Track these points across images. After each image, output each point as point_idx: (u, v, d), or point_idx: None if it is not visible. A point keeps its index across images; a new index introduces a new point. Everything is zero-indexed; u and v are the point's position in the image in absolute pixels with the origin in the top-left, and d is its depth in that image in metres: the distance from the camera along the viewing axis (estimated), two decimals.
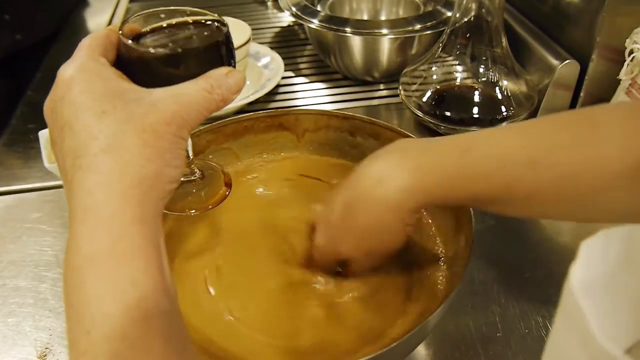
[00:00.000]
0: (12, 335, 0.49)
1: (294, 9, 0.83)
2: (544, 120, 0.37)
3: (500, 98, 0.69)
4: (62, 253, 0.58)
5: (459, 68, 0.71)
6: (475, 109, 0.68)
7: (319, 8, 0.87)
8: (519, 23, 0.77)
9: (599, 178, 0.33)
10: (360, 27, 0.77)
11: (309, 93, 0.83)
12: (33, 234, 0.59)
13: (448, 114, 0.68)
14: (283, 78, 0.83)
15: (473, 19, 0.66)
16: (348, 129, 0.56)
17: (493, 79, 0.69)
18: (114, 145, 0.29)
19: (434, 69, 0.72)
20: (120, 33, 0.33)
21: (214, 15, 0.36)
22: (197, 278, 0.46)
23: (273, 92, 0.80)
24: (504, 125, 0.38)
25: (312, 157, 0.58)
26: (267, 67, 0.84)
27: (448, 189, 0.37)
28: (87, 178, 0.28)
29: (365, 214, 0.39)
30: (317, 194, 0.54)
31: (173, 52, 0.32)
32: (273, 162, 0.58)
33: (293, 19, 0.92)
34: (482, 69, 0.69)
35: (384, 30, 0.76)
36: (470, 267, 0.52)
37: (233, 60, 0.35)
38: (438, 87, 0.71)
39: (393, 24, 0.78)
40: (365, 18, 0.94)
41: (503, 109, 0.68)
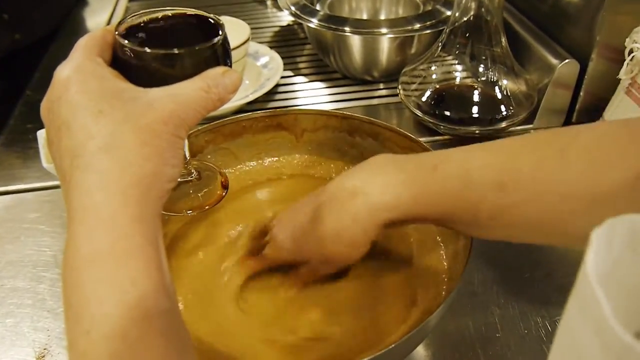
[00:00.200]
0: (10, 336, 0.49)
1: (293, 8, 0.83)
2: (514, 141, 0.36)
3: (500, 97, 0.69)
4: (60, 253, 0.57)
5: (459, 67, 0.71)
6: (475, 109, 0.68)
7: (318, 7, 0.87)
8: (519, 22, 0.77)
9: (564, 204, 0.32)
10: (360, 26, 0.77)
11: (308, 92, 0.83)
12: (31, 234, 0.59)
13: (447, 114, 0.67)
14: (282, 77, 0.82)
15: (472, 18, 0.66)
16: (347, 129, 0.56)
17: (493, 79, 0.69)
18: (112, 145, 0.29)
19: (434, 69, 0.72)
20: (117, 33, 0.33)
21: (210, 15, 0.36)
22: (194, 277, 0.46)
23: (272, 91, 0.80)
24: (473, 145, 0.37)
25: (310, 157, 0.58)
26: (266, 66, 0.83)
27: (416, 205, 0.37)
28: (85, 178, 0.28)
29: (332, 222, 0.39)
30: None
31: (169, 51, 0.32)
32: (272, 162, 0.58)
33: (292, 18, 0.92)
34: (481, 69, 0.69)
35: (384, 30, 0.76)
36: (470, 267, 0.51)
37: (229, 60, 0.35)
38: (437, 86, 0.71)
39: (392, 23, 0.77)
40: (365, 17, 0.94)
41: (503, 109, 0.67)
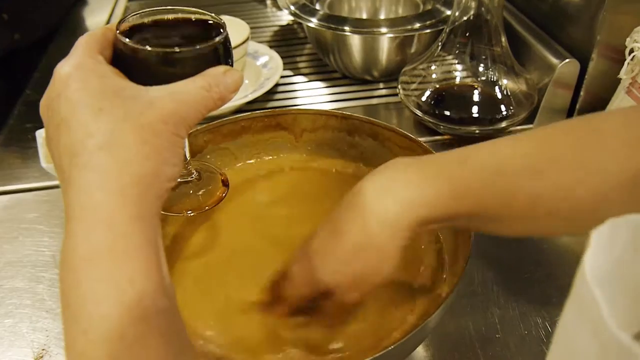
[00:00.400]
0: (8, 337, 0.49)
1: (293, 8, 0.82)
2: (542, 129, 0.36)
3: (500, 97, 0.68)
4: (59, 253, 0.57)
5: (459, 67, 0.71)
6: (475, 108, 0.68)
7: (318, 7, 0.87)
8: (519, 22, 0.77)
9: (599, 188, 0.32)
10: (359, 25, 0.77)
11: (308, 92, 0.83)
12: (30, 235, 0.59)
13: (447, 113, 0.67)
14: (282, 77, 0.82)
15: (472, 18, 0.66)
16: (346, 129, 0.55)
17: (493, 78, 0.69)
18: (112, 143, 0.28)
19: (433, 68, 0.72)
20: (118, 31, 0.33)
21: (212, 15, 0.36)
22: (193, 278, 0.46)
23: (272, 91, 0.79)
24: (501, 138, 0.37)
25: (310, 157, 0.58)
26: (265, 66, 0.83)
27: (448, 201, 0.35)
28: (84, 176, 0.28)
29: (358, 231, 0.35)
30: (315, 194, 0.53)
31: (171, 50, 0.32)
32: (271, 162, 0.58)
33: (292, 18, 0.92)
34: (481, 68, 0.69)
35: (383, 29, 0.76)
36: (470, 267, 0.51)
37: (231, 60, 0.35)
38: (437, 86, 0.71)
39: (392, 23, 0.77)
40: (365, 17, 0.94)
41: (503, 108, 0.67)
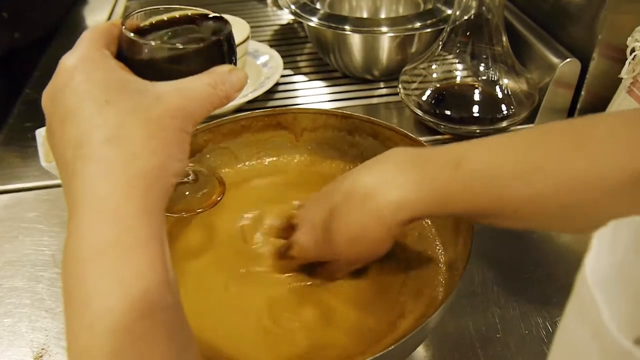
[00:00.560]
0: (8, 336, 0.49)
1: (293, 7, 0.82)
2: (534, 132, 0.37)
3: (501, 97, 0.68)
4: (59, 253, 0.57)
5: (459, 66, 0.71)
6: (476, 108, 0.68)
7: (318, 6, 0.87)
8: (520, 21, 0.77)
9: (589, 192, 0.32)
10: (360, 25, 0.77)
11: (308, 91, 0.83)
12: (30, 234, 0.59)
13: (448, 113, 0.67)
14: (282, 76, 0.82)
15: (473, 17, 0.66)
16: (347, 128, 0.55)
17: (493, 78, 0.69)
18: (119, 136, 0.28)
19: (434, 68, 0.71)
20: (123, 27, 0.33)
21: (216, 14, 0.36)
22: (191, 278, 0.46)
23: (272, 90, 0.79)
24: (491, 137, 0.38)
25: (310, 156, 0.58)
26: (266, 65, 0.83)
27: (440, 203, 0.37)
28: (90, 168, 0.28)
29: (356, 223, 0.39)
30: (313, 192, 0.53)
31: (176, 47, 0.32)
32: (271, 161, 0.58)
33: (292, 17, 0.92)
34: (482, 68, 0.69)
35: (384, 28, 0.76)
36: (470, 267, 0.51)
37: (235, 58, 0.35)
38: (438, 85, 0.71)
39: (393, 22, 0.77)
40: (365, 16, 0.94)
41: (503, 108, 0.67)
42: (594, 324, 0.15)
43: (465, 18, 0.66)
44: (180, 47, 0.32)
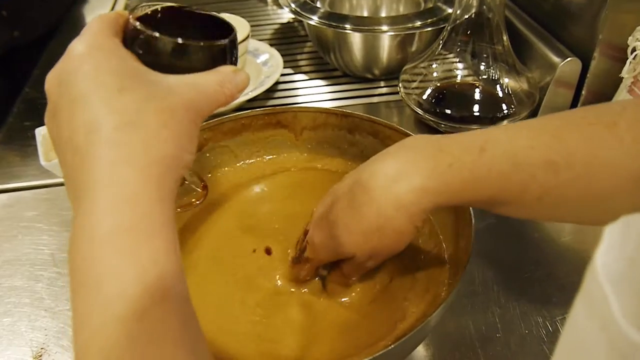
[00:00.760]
0: (7, 335, 0.48)
1: (294, 6, 0.82)
2: (558, 118, 0.36)
3: (501, 96, 0.68)
4: (58, 252, 0.57)
5: (460, 65, 0.71)
6: (476, 107, 0.68)
7: (319, 4, 0.87)
8: (521, 20, 0.77)
9: (614, 180, 0.32)
10: (360, 23, 0.77)
11: (309, 90, 0.82)
12: (29, 233, 0.59)
13: (448, 112, 0.67)
14: (282, 75, 0.82)
15: (474, 16, 0.66)
16: (347, 127, 0.55)
17: (494, 77, 0.68)
18: (136, 122, 0.28)
19: (435, 67, 0.71)
20: (132, 17, 0.33)
21: (220, 16, 0.36)
22: (189, 279, 0.46)
23: (272, 89, 0.79)
24: (515, 123, 0.37)
25: (310, 155, 0.57)
26: (266, 64, 0.83)
27: (463, 190, 0.36)
28: (107, 152, 0.28)
29: (375, 214, 0.37)
30: (315, 192, 0.53)
31: (187, 42, 0.32)
32: (271, 160, 0.57)
33: (292, 16, 0.91)
34: (482, 67, 0.69)
35: (384, 27, 0.76)
36: (470, 267, 0.51)
37: (237, 61, 0.36)
38: (438, 84, 0.71)
39: (393, 21, 0.77)
40: (365, 14, 0.94)
41: (504, 107, 0.67)
42: (603, 317, 0.15)
43: (466, 17, 0.66)
44: (191, 43, 0.32)
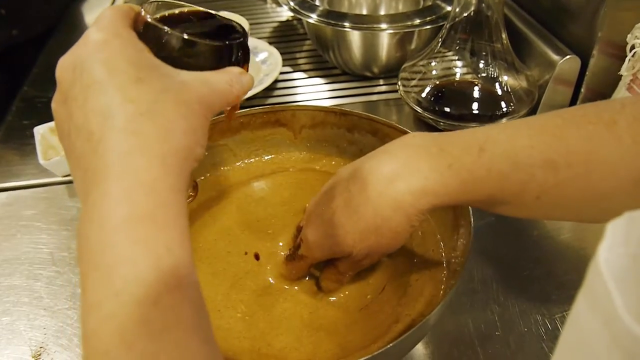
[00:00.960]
0: (6, 335, 0.48)
1: (292, 4, 0.82)
2: (557, 116, 0.35)
3: (500, 94, 0.68)
4: (57, 251, 0.57)
5: (459, 63, 0.71)
6: (475, 105, 0.68)
7: (318, 2, 0.86)
8: (520, 18, 0.77)
9: (613, 179, 0.32)
10: (359, 21, 0.77)
11: (308, 88, 0.82)
12: (28, 232, 0.59)
13: (447, 110, 0.67)
14: (281, 73, 0.82)
15: (473, 14, 0.66)
16: (346, 126, 0.55)
17: (493, 75, 0.68)
18: (154, 112, 0.28)
19: (434, 64, 0.71)
20: (144, 11, 0.33)
21: (227, 18, 0.36)
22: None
23: (271, 87, 0.79)
24: (514, 121, 0.37)
25: (309, 154, 0.57)
26: (265, 62, 0.83)
27: (462, 191, 0.36)
28: (122, 140, 0.28)
29: (372, 214, 0.37)
30: (314, 194, 0.53)
31: (201, 40, 0.32)
32: (270, 158, 0.57)
33: (291, 14, 0.91)
34: (482, 65, 0.69)
35: (383, 25, 0.75)
36: (469, 265, 0.51)
37: (246, 65, 0.36)
38: (437, 82, 0.71)
39: (392, 19, 0.77)
40: (365, 13, 0.94)
41: (503, 105, 0.67)
42: (606, 313, 0.15)
43: (465, 15, 0.66)
44: (205, 42, 0.32)
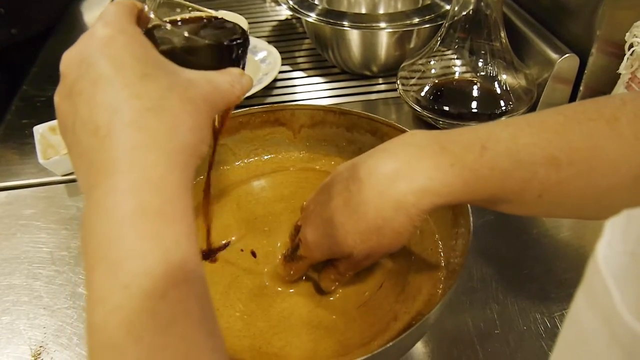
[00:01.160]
0: (6, 334, 0.48)
1: (291, 3, 0.82)
2: (559, 113, 0.35)
3: (499, 92, 0.68)
4: (57, 250, 0.57)
5: (458, 62, 0.71)
6: (474, 104, 0.68)
7: (317, 1, 0.86)
8: (518, 16, 0.77)
9: (614, 176, 0.32)
10: (358, 20, 0.77)
11: (307, 87, 0.82)
12: (27, 231, 0.59)
13: (446, 109, 0.67)
14: (280, 72, 0.82)
15: (472, 13, 0.66)
16: (345, 125, 0.55)
17: (492, 73, 0.68)
18: (161, 108, 0.29)
19: (433, 63, 0.71)
20: (147, 9, 0.33)
21: (229, 21, 0.36)
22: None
23: (270, 86, 0.79)
24: (514, 118, 0.37)
25: (308, 153, 0.57)
26: (264, 61, 0.83)
27: (464, 190, 0.35)
28: (129, 135, 0.28)
29: (373, 214, 0.36)
30: (313, 191, 0.53)
31: (202, 40, 0.32)
32: (269, 158, 0.57)
33: (290, 13, 0.91)
34: (480, 63, 0.69)
35: (382, 24, 0.75)
36: (469, 263, 0.51)
37: (243, 66, 0.36)
38: (436, 81, 0.71)
39: (391, 18, 0.77)
40: (363, 11, 0.94)
41: (502, 104, 0.67)
42: (605, 310, 0.15)
43: (464, 14, 0.66)
44: (207, 42, 0.32)
